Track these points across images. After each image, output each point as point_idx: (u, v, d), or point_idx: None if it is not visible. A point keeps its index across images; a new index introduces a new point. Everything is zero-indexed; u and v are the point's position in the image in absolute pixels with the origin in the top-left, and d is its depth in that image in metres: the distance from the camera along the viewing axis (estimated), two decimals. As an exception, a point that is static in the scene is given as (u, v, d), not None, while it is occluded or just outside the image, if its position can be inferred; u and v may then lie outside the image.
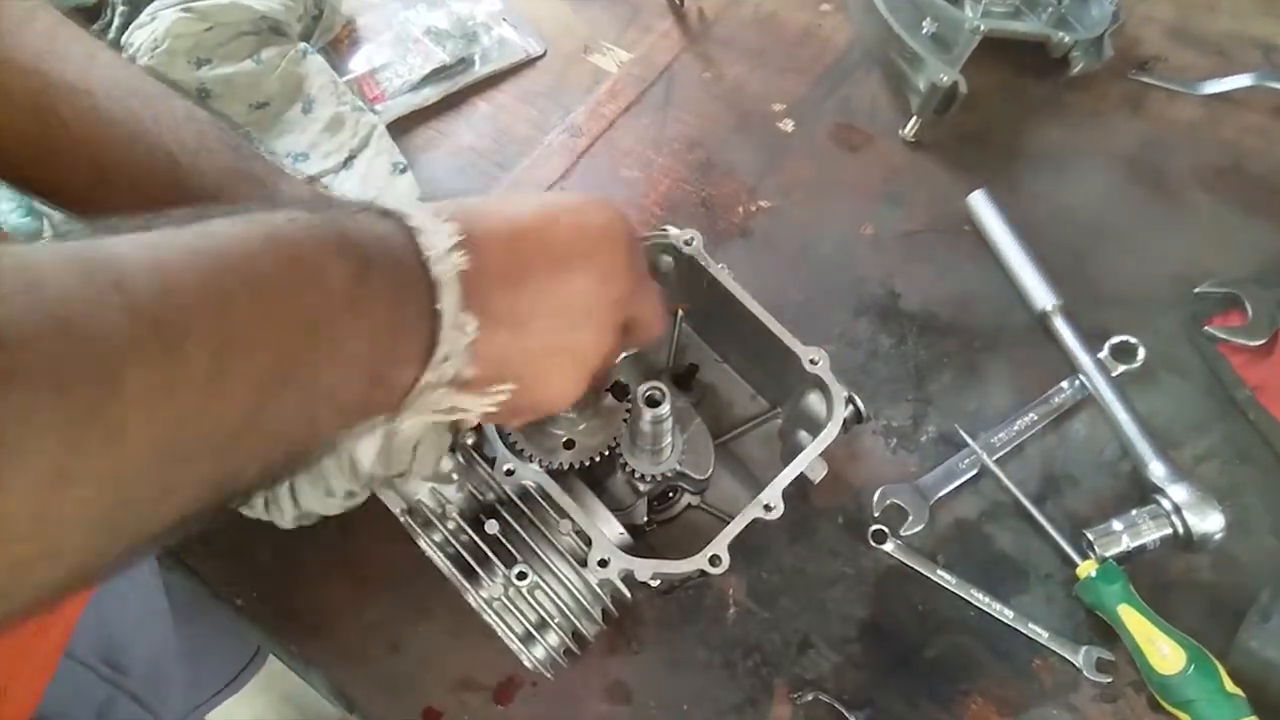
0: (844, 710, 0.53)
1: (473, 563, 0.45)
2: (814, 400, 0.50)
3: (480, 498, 0.48)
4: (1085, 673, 0.54)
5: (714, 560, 0.44)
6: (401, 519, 0.47)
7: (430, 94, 0.77)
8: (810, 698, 0.53)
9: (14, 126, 0.42)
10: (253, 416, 0.27)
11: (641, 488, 0.52)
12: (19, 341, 0.21)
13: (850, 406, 0.49)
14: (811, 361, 0.49)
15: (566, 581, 0.46)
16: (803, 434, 0.51)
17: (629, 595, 0.47)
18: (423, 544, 0.46)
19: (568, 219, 0.37)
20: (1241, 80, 0.73)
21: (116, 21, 0.71)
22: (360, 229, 0.31)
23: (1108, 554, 0.55)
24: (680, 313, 0.59)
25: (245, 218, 0.28)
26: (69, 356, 0.21)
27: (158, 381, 0.23)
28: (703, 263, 0.51)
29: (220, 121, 0.49)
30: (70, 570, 0.24)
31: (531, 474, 0.46)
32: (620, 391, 0.49)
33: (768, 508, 0.46)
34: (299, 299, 0.28)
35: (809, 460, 0.47)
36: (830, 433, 0.47)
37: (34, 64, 0.42)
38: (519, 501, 0.46)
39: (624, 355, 0.54)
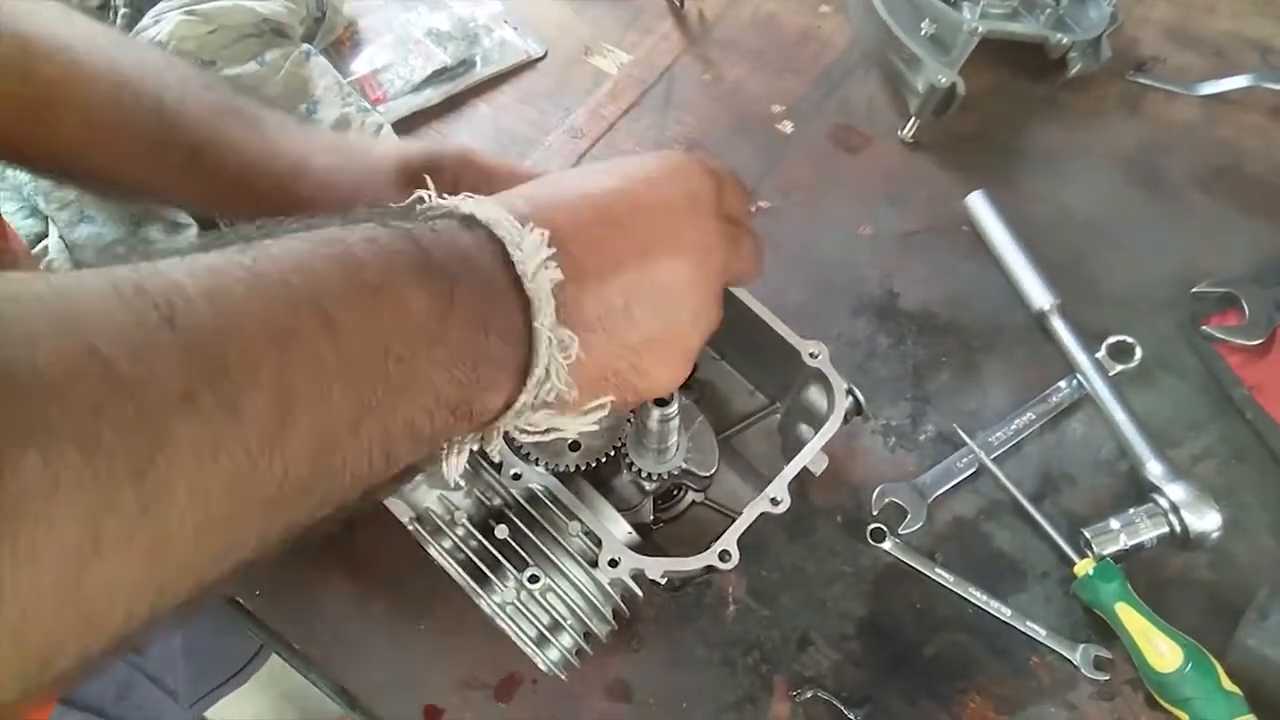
0: (843, 708, 0.53)
1: (484, 568, 0.45)
2: (814, 393, 0.50)
3: (488, 503, 0.48)
4: (1083, 670, 0.54)
5: (724, 555, 0.45)
6: (410, 527, 0.47)
7: (432, 95, 0.77)
8: (809, 695, 0.53)
9: (2, 91, 0.42)
10: (319, 464, 0.24)
11: (648, 487, 0.52)
12: (48, 390, 0.18)
13: (850, 398, 0.49)
14: (811, 355, 0.49)
15: (577, 582, 0.46)
16: (803, 428, 0.51)
17: (640, 594, 0.47)
18: (433, 551, 0.46)
19: (650, 198, 0.34)
20: (1239, 81, 0.74)
21: (119, 24, 0.71)
22: (444, 245, 0.28)
23: (1105, 552, 0.55)
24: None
25: (319, 237, 0.26)
26: (107, 408, 0.19)
27: (211, 436, 0.21)
28: None
29: (204, 69, 0.49)
30: (111, 640, 0.21)
31: (538, 477, 0.46)
32: None
33: (775, 501, 0.46)
34: (376, 335, 0.25)
35: (813, 453, 0.47)
36: (832, 425, 0.48)
37: (10, 26, 0.42)
38: (527, 505, 0.47)
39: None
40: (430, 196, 0.31)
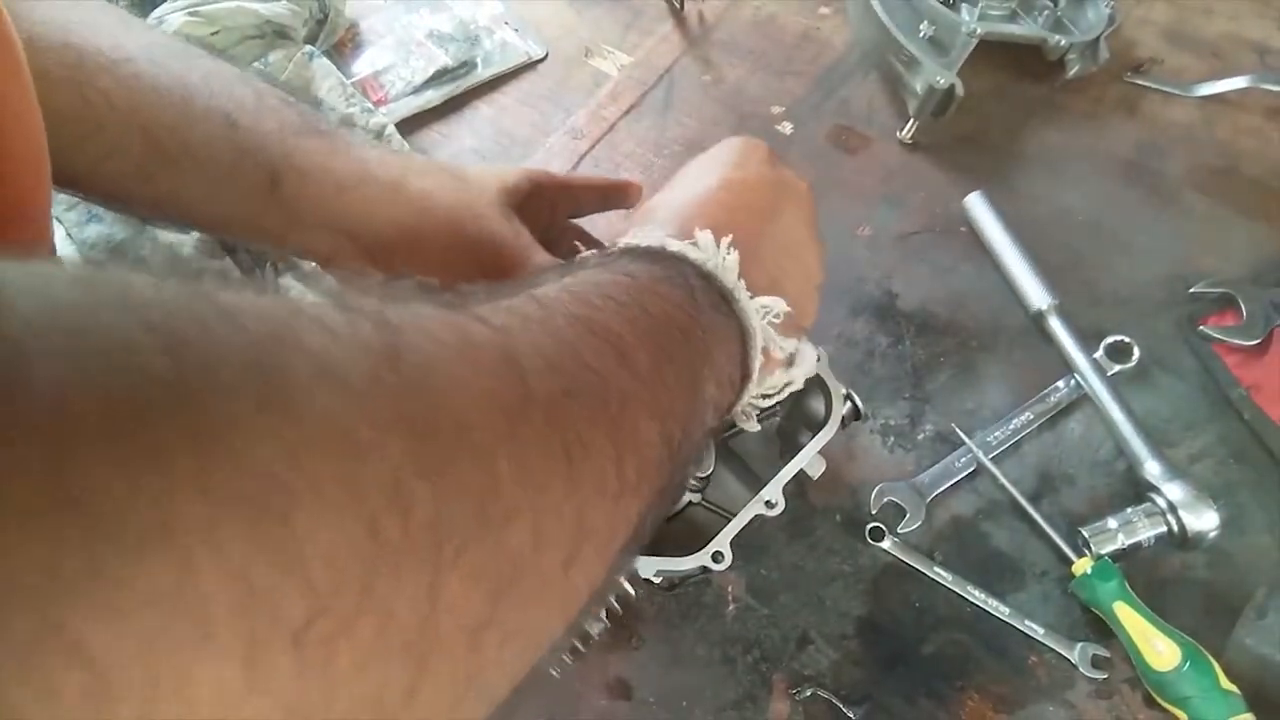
0: (842, 706, 0.53)
1: None
2: (812, 398, 0.50)
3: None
4: (1081, 669, 0.54)
5: (717, 557, 0.45)
6: None
7: (433, 97, 0.78)
8: (809, 693, 0.54)
9: (53, 108, 0.37)
10: (692, 407, 0.30)
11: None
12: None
13: (848, 404, 0.49)
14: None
15: None
16: (802, 431, 0.51)
17: (633, 592, 0.47)
18: None
19: (744, 179, 0.40)
20: (1236, 82, 0.74)
21: (123, 26, 0.72)
22: (654, 268, 0.33)
23: (1103, 551, 0.55)
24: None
25: (597, 270, 0.31)
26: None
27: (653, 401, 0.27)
28: None
29: (277, 82, 0.46)
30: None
31: None
32: None
33: (769, 504, 0.46)
34: (669, 317, 0.31)
35: (808, 457, 0.48)
36: (829, 430, 0.48)
37: (63, 37, 0.39)
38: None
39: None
40: (591, 250, 0.37)
